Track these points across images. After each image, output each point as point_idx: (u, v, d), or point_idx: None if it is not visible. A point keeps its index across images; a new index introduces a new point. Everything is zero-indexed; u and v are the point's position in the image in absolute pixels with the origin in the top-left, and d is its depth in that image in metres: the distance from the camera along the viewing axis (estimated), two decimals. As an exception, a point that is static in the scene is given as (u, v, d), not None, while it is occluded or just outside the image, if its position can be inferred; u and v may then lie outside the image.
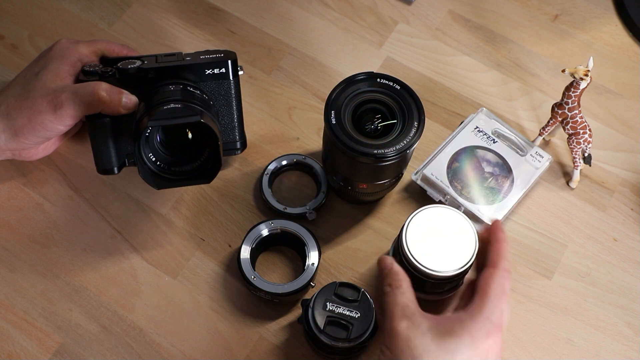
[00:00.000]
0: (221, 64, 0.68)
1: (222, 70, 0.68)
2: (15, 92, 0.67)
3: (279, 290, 0.67)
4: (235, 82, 0.69)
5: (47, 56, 0.69)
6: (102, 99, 0.64)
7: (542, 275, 0.74)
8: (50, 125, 0.65)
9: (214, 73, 0.68)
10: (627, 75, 0.85)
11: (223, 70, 0.68)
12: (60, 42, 0.71)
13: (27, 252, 0.72)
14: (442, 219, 0.65)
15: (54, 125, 0.65)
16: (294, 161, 0.76)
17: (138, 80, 0.66)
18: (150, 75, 0.67)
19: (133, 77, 0.66)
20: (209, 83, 0.69)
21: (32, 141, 0.67)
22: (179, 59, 0.69)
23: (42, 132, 0.66)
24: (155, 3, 0.87)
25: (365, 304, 0.63)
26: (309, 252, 0.69)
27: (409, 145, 0.63)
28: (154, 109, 0.63)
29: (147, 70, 0.66)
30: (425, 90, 0.83)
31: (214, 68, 0.68)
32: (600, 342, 0.71)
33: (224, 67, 0.68)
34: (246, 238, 0.69)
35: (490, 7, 0.89)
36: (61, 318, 0.69)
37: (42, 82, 0.66)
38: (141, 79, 0.66)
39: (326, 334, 0.62)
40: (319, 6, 0.88)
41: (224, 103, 0.70)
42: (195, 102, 0.65)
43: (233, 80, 0.69)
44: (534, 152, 0.76)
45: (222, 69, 0.68)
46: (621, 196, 0.78)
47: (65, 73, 0.67)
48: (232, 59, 0.69)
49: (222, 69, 0.68)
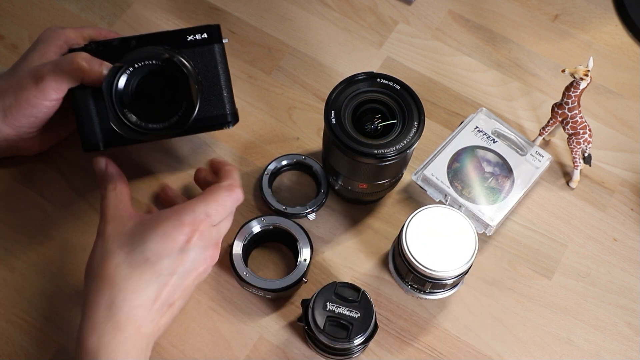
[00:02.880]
0: (203, 29, 0.67)
1: (204, 36, 0.67)
2: (5, 76, 0.68)
3: (271, 286, 0.68)
4: (220, 48, 0.68)
5: (35, 41, 0.70)
6: (82, 67, 0.63)
7: (542, 275, 0.74)
8: (34, 100, 0.65)
9: (196, 39, 0.67)
10: (627, 75, 0.85)
11: (205, 35, 0.67)
12: (48, 28, 0.71)
13: (27, 252, 0.72)
14: (442, 219, 0.65)
15: (39, 101, 0.65)
16: (294, 161, 0.76)
17: (121, 51, 0.66)
18: (132, 44, 0.66)
19: (115, 49, 0.66)
20: (193, 50, 0.67)
21: (22, 122, 0.67)
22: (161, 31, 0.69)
23: (29, 109, 0.65)
24: (155, 3, 0.87)
25: (365, 304, 0.63)
26: (301, 248, 0.69)
27: (409, 145, 0.63)
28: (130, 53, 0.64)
29: (129, 39, 0.66)
30: (425, 90, 0.83)
31: (196, 33, 0.67)
32: (600, 342, 0.71)
33: (206, 32, 0.67)
34: (238, 234, 0.69)
35: (490, 7, 0.89)
36: (61, 318, 0.69)
37: (28, 62, 0.67)
38: (124, 48, 0.66)
39: (326, 334, 0.62)
40: (319, 6, 0.88)
41: (209, 71, 0.68)
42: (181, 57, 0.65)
43: (217, 46, 0.68)
44: (534, 151, 0.76)
45: (204, 34, 0.67)
46: (621, 196, 0.78)
47: (51, 53, 0.67)
48: (215, 26, 0.68)
49: (204, 34, 0.67)
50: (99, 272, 0.58)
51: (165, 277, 0.58)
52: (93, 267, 0.59)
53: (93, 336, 0.55)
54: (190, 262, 0.59)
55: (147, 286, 0.57)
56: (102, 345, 0.55)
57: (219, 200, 0.61)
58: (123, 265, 0.57)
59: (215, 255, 0.62)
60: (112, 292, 0.57)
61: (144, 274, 0.57)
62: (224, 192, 0.62)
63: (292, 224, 0.70)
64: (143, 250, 0.57)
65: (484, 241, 0.75)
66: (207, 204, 0.61)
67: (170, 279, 0.58)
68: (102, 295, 0.57)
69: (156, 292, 0.57)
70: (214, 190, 0.62)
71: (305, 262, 0.69)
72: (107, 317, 0.56)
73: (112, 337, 0.55)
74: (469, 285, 0.73)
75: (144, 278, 0.57)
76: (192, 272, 0.60)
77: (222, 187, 0.62)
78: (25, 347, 0.68)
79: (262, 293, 0.68)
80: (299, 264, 0.69)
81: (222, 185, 0.63)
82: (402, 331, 0.70)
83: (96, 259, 0.59)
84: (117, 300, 0.56)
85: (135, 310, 0.56)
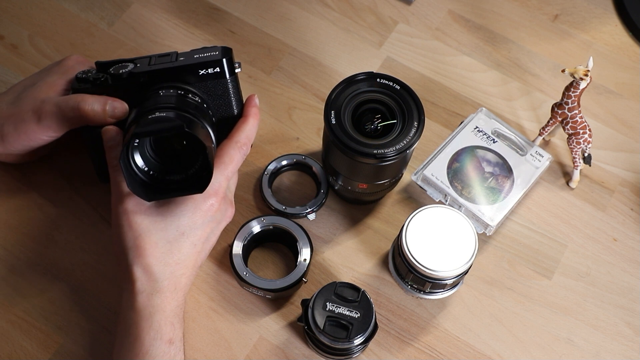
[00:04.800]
0: (215, 64, 0.65)
1: (216, 70, 0.65)
2: (9, 100, 0.67)
3: (271, 286, 0.68)
4: (233, 80, 0.67)
5: (52, 70, 0.69)
6: (85, 113, 0.63)
7: (542, 275, 0.74)
8: (33, 135, 0.65)
9: (209, 73, 0.66)
10: (627, 75, 0.85)
11: (218, 69, 0.66)
12: (70, 58, 0.70)
13: (27, 252, 0.72)
14: (442, 219, 0.65)
15: (37, 136, 0.65)
16: (294, 161, 0.76)
17: (131, 85, 0.65)
18: (142, 79, 0.65)
19: (125, 82, 0.65)
20: (205, 83, 0.66)
21: (18, 148, 0.68)
22: (172, 60, 0.66)
23: (27, 141, 0.66)
24: (155, 3, 0.87)
25: (365, 304, 0.63)
26: (300, 248, 0.69)
27: (409, 145, 0.63)
28: (142, 117, 0.60)
29: (139, 74, 0.64)
30: (425, 90, 0.83)
31: (208, 68, 0.65)
32: (600, 342, 0.71)
33: (219, 66, 0.65)
34: (238, 234, 0.69)
35: (490, 7, 0.89)
36: (61, 318, 0.69)
37: (34, 92, 0.66)
38: (133, 83, 0.65)
39: (326, 334, 0.62)
40: (319, 6, 0.88)
41: (222, 103, 0.67)
42: (187, 108, 0.62)
43: (230, 79, 0.66)
44: (534, 151, 0.76)
45: (216, 68, 0.65)
46: (621, 196, 0.78)
47: (60, 87, 0.67)
48: (227, 57, 0.66)
49: (217, 68, 0.65)
50: (137, 251, 0.60)
51: (200, 245, 0.63)
52: (127, 245, 0.61)
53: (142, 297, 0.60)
54: (216, 225, 0.65)
55: (187, 257, 0.62)
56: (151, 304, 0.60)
57: (233, 162, 0.65)
58: (161, 242, 0.61)
59: (232, 212, 0.67)
60: (156, 267, 0.61)
61: (183, 247, 0.62)
62: (235, 152, 0.65)
63: (292, 224, 0.70)
64: (178, 226, 0.61)
65: (484, 241, 0.75)
66: (225, 168, 0.64)
67: (205, 244, 0.64)
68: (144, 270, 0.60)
69: (194, 260, 0.63)
70: (226, 151, 0.64)
71: (305, 262, 0.69)
72: (154, 288, 0.61)
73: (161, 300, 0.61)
74: (469, 285, 0.73)
75: (183, 251, 0.62)
76: (217, 232, 0.66)
77: (233, 147, 0.65)
78: (25, 347, 0.68)
79: (262, 293, 0.68)
80: (298, 264, 0.69)
81: (232, 144, 0.65)
82: (402, 331, 0.70)
83: (129, 237, 0.60)
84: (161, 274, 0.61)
85: (179, 279, 0.62)
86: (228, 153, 0.64)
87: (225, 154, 0.64)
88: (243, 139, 0.66)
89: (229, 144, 0.65)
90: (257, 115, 0.68)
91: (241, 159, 0.66)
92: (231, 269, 0.69)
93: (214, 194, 0.63)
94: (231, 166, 0.64)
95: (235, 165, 0.65)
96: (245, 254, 0.70)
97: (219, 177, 0.63)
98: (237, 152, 0.65)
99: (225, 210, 0.66)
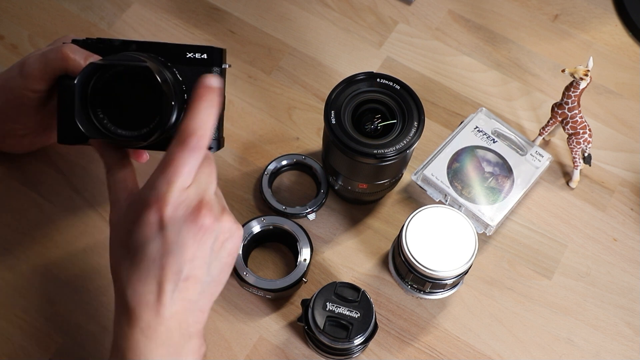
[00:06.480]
0: (204, 49, 0.62)
1: (203, 56, 0.62)
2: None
3: (271, 286, 0.68)
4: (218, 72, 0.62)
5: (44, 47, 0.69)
6: (66, 56, 0.61)
7: (542, 275, 0.74)
8: (18, 90, 0.64)
9: (195, 57, 0.62)
10: (627, 75, 0.85)
11: (205, 56, 0.62)
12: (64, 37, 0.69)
13: (27, 252, 0.72)
14: (442, 219, 0.66)
15: (22, 91, 0.64)
16: (294, 161, 0.76)
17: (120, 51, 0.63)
18: (132, 48, 0.63)
19: (115, 50, 0.63)
20: (188, 68, 0.61)
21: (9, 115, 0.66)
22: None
23: (13, 99, 0.65)
24: (155, 3, 0.87)
25: (365, 304, 0.63)
26: (300, 248, 0.69)
27: (408, 145, 0.63)
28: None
29: (130, 42, 0.63)
30: (425, 90, 0.83)
31: (196, 52, 0.62)
32: (600, 342, 0.71)
33: (207, 53, 0.62)
34: None
35: (490, 7, 0.89)
36: (61, 318, 0.69)
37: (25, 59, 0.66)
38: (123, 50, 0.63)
39: (326, 334, 0.62)
40: (319, 6, 0.88)
41: None
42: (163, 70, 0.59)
43: (215, 69, 0.62)
44: (534, 151, 0.76)
45: (204, 54, 0.62)
46: (621, 196, 0.78)
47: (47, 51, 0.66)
48: (218, 50, 0.63)
49: (204, 55, 0.62)
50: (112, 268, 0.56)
51: (159, 261, 0.53)
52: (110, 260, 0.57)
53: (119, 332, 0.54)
54: (176, 234, 0.53)
55: (147, 276, 0.53)
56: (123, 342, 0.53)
57: (175, 163, 0.53)
58: (124, 261, 0.54)
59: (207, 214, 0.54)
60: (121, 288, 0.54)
61: (142, 264, 0.53)
62: (177, 151, 0.53)
63: (292, 224, 0.70)
64: (131, 242, 0.54)
65: (483, 241, 0.75)
66: (165, 171, 0.53)
67: (167, 259, 0.53)
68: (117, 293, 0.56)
69: (158, 278, 0.53)
70: (168, 152, 0.54)
71: (305, 262, 0.69)
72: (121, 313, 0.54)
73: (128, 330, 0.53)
74: (469, 285, 0.73)
75: (142, 268, 0.53)
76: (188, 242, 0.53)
77: (174, 146, 0.53)
78: (25, 347, 0.68)
79: (262, 293, 0.68)
80: (298, 264, 0.69)
81: (174, 144, 0.54)
82: (402, 331, 0.70)
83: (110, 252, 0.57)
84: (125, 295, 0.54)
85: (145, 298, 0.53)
86: (168, 153, 0.53)
87: (167, 154, 0.53)
88: (184, 130, 0.53)
89: (171, 144, 0.54)
90: (207, 98, 0.54)
91: (189, 155, 0.53)
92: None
93: (155, 200, 0.52)
94: (171, 169, 0.52)
95: (178, 166, 0.53)
96: (245, 254, 0.70)
97: (159, 182, 0.53)
98: (179, 149, 0.53)
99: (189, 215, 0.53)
